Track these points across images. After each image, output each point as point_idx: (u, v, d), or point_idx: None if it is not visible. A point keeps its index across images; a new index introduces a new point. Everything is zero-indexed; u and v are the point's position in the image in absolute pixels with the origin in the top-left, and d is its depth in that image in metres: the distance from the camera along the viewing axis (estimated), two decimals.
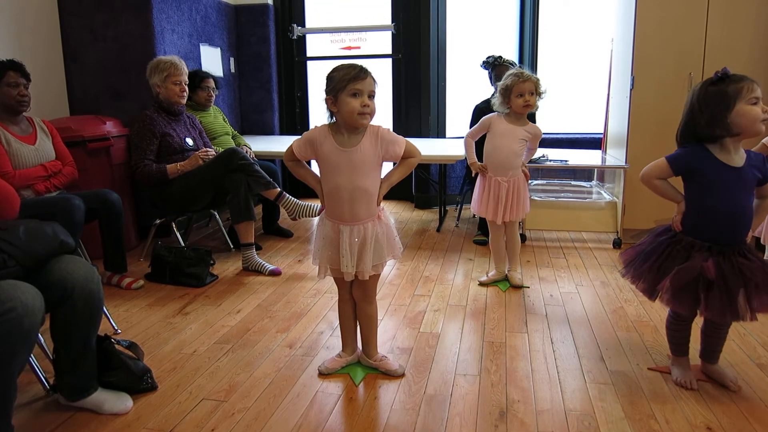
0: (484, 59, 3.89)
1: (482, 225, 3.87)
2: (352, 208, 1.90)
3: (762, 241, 2.56)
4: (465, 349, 2.28)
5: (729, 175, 1.80)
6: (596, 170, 4.53)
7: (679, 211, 1.91)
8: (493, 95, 2.91)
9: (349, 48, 5.19)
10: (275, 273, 3.23)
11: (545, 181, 4.49)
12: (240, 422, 1.80)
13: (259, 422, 1.80)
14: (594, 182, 4.54)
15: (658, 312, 2.62)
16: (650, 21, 3.52)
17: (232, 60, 4.94)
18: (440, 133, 5.02)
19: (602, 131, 4.53)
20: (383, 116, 5.09)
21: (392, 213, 4.84)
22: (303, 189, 2.10)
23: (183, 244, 3.43)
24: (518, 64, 4.18)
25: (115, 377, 1.91)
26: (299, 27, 5.15)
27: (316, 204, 3.31)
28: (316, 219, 1.96)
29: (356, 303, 2.09)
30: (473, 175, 3.02)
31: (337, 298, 2.12)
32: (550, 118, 4.92)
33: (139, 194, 3.74)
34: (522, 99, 2.71)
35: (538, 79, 2.73)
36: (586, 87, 4.88)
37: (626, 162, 3.69)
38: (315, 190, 1.98)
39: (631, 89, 3.62)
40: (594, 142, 4.71)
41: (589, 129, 4.89)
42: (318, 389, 2.00)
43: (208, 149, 3.41)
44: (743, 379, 2.01)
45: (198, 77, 3.78)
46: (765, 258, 2.49)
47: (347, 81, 1.79)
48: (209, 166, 3.27)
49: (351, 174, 1.87)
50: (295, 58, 5.24)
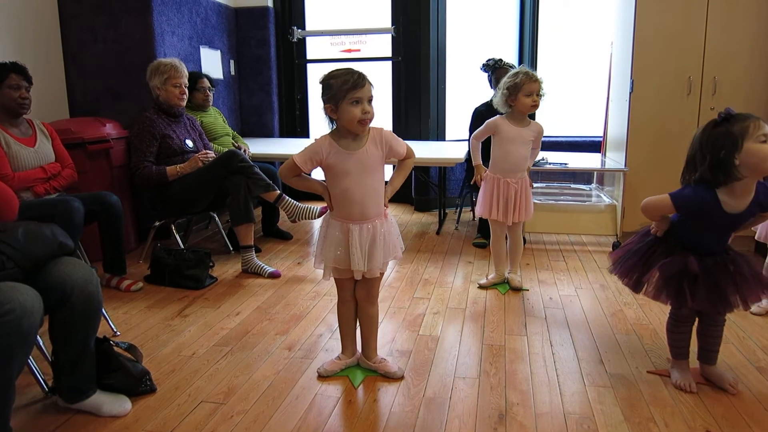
0: (484, 62, 3.90)
1: (482, 228, 3.87)
2: (363, 208, 1.93)
3: (757, 238, 2.56)
4: (464, 352, 2.28)
5: (726, 222, 1.83)
6: (596, 173, 4.54)
7: (659, 228, 1.96)
8: (495, 93, 2.89)
9: (349, 51, 5.20)
10: (274, 275, 3.23)
11: (545, 184, 4.49)
12: (239, 425, 1.80)
13: (258, 425, 1.80)
14: (593, 185, 4.54)
15: (658, 315, 2.62)
16: (650, 25, 3.53)
17: (232, 62, 4.94)
18: (440, 136, 5.02)
19: (602, 134, 4.54)
20: (383, 119, 5.09)
21: (392, 215, 4.83)
22: (303, 192, 2.10)
23: (182, 246, 3.43)
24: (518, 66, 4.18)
25: (114, 379, 1.91)
26: (299, 29, 5.16)
27: (316, 206, 3.31)
28: (316, 221, 1.96)
29: (358, 303, 2.10)
30: (471, 182, 3.01)
31: (337, 301, 2.12)
32: (550, 121, 4.93)
33: (139, 196, 3.74)
34: (530, 99, 2.71)
35: (543, 81, 2.75)
36: (586, 90, 4.88)
37: (626, 165, 3.70)
38: (323, 196, 1.99)
39: (631, 93, 3.62)
40: (593, 145, 4.71)
41: (589, 132, 4.89)
42: (317, 392, 2.00)
43: (208, 151, 3.42)
44: (742, 382, 2.01)
45: (191, 79, 3.72)
46: (766, 263, 2.52)
47: (347, 90, 1.80)
48: (209, 168, 3.27)
49: (361, 175, 1.89)
50: (295, 61, 5.24)
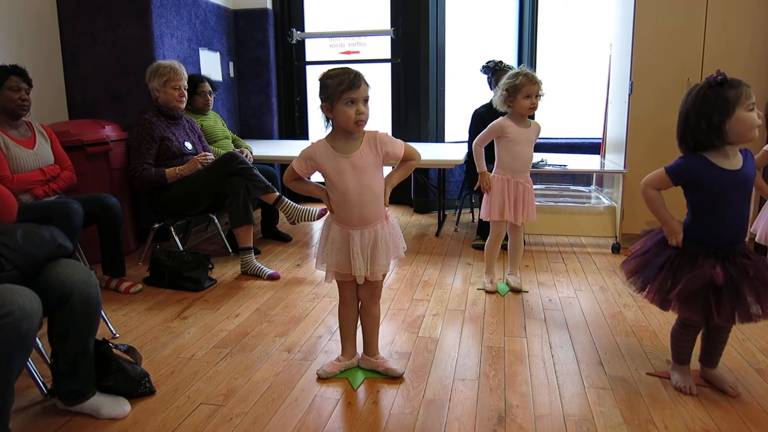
0: (485, 64, 3.90)
1: (481, 229, 3.87)
2: (362, 212, 1.92)
3: (758, 240, 2.56)
4: (464, 354, 2.28)
5: (729, 180, 1.80)
6: (595, 175, 4.54)
7: (668, 233, 1.90)
8: (495, 93, 2.87)
9: (349, 52, 5.20)
10: (274, 277, 3.22)
11: (544, 186, 4.49)
12: (238, 426, 1.80)
13: (258, 427, 1.80)
14: (593, 187, 4.55)
15: (657, 317, 2.62)
16: (649, 27, 3.53)
17: (232, 64, 4.94)
18: (439, 138, 5.03)
19: (601, 136, 4.54)
20: (382, 120, 5.09)
21: (393, 216, 4.83)
22: (302, 194, 2.10)
23: (181, 248, 3.43)
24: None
25: (113, 381, 1.91)
26: (298, 31, 5.16)
27: (315, 208, 3.31)
28: (315, 223, 1.96)
29: (362, 304, 2.10)
30: (475, 188, 2.99)
31: (338, 302, 2.12)
32: (550, 123, 4.94)
33: (138, 198, 3.74)
34: (529, 101, 2.71)
35: (542, 82, 2.75)
36: (585, 92, 4.89)
37: (625, 167, 3.70)
38: (323, 200, 1.99)
39: (630, 94, 3.62)
40: (593, 147, 4.71)
41: (588, 134, 4.90)
42: (316, 394, 1.99)
43: (207, 153, 3.42)
44: (742, 385, 2.01)
45: (193, 82, 3.73)
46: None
47: (342, 90, 1.80)
48: (208, 170, 3.27)
49: (357, 178, 1.89)
50: (295, 63, 5.25)
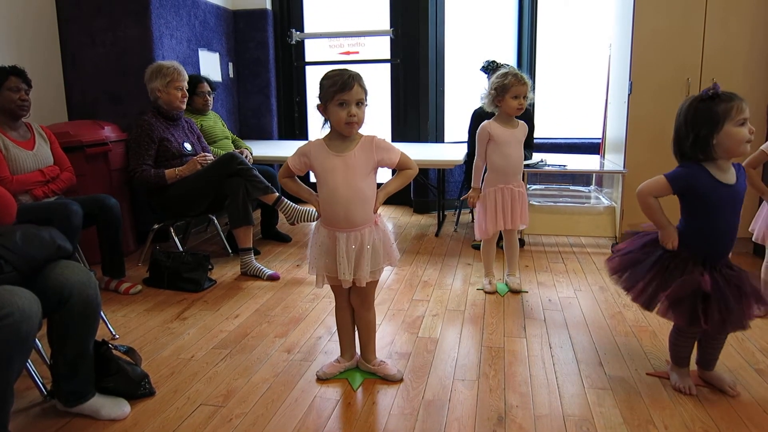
0: (484, 63, 3.89)
1: None
2: (348, 212, 1.90)
3: (755, 239, 2.56)
4: (463, 354, 2.28)
5: (725, 193, 1.82)
6: (594, 175, 4.54)
7: (664, 238, 1.90)
8: (483, 92, 2.85)
9: (348, 53, 5.20)
10: (273, 278, 3.22)
11: (544, 186, 4.49)
12: (238, 427, 1.80)
13: (257, 427, 1.80)
14: (592, 187, 4.55)
15: (657, 317, 2.59)
16: (648, 27, 3.53)
17: (231, 65, 4.94)
18: (438, 138, 5.03)
19: (600, 136, 4.54)
20: (381, 121, 5.09)
21: (391, 218, 4.85)
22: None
23: (181, 249, 3.43)
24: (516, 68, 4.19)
25: (113, 383, 1.91)
26: (298, 32, 5.16)
27: (315, 209, 3.30)
28: (315, 224, 1.96)
29: (354, 310, 2.09)
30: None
31: (335, 306, 2.12)
32: (549, 123, 4.94)
33: (138, 199, 3.74)
34: (517, 101, 2.71)
35: (531, 83, 2.74)
36: (585, 92, 4.89)
37: (624, 167, 3.70)
38: (310, 202, 2.01)
39: (629, 95, 3.63)
40: (592, 147, 4.72)
41: (588, 134, 4.90)
42: (316, 394, 1.99)
43: (207, 154, 3.42)
44: (742, 385, 2.01)
45: (191, 83, 3.70)
46: (766, 261, 2.52)
47: (334, 92, 1.81)
48: (207, 171, 3.27)
49: (346, 176, 1.88)
50: (294, 63, 5.25)
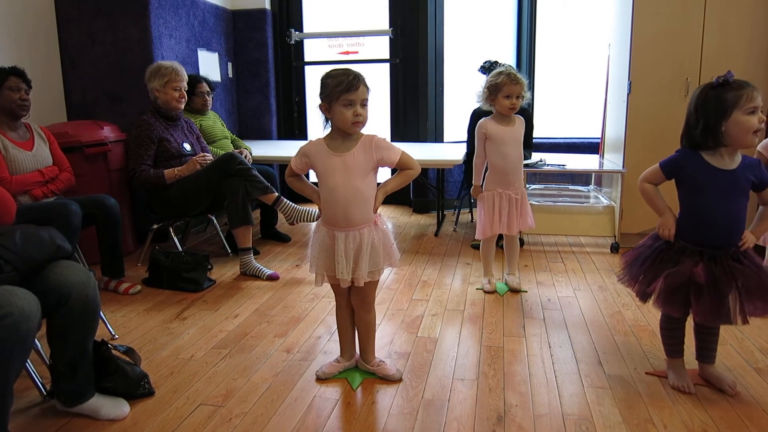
0: (482, 64, 3.90)
1: None
2: (347, 212, 1.90)
3: (761, 242, 2.55)
4: (463, 354, 2.28)
5: (721, 179, 1.81)
6: (594, 174, 4.54)
7: (661, 224, 1.91)
8: (478, 91, 2.86)
9: (347, 53, 5.20)
10: (273, 278, 3.22)
11: (543, 186, 4.50)
12: (237, 427, 1.80)
13: (257, 427, 1.80)
14: (592, 186, 4.55)
15: (656, 316, 2.61)
16: (647, 27, 3.53)
17: (230, 65, 4.94)
18: (438, 138, 5.03)
19: (600, 136, 4.55)
20: (381, 121, 5.10)
21: (390, 217, 4.85)
22: (301, 194, 2.11)
23: (180, 249, 3.43)
24: (515, 68, 4.20)
25: (112, 383, 1.91)
26: (297, 32, 5.16)
27: (315, 209, 3.30)
28: (314, 224, 1.96)
29: (354, 310, 2.09)
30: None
31: (335, 305, 2.12)
32: (548, 123, 4.94)
33: (137, 199, 3.74)
34: (509, 101, 2.71)
35: (526, 82, 2.74)
36: (584, 92, 4.89)
37: (623, 166, 3.70)
38: (312, 200, 2.02)
39: (628, 94, 3.63)
40: (592, 147, 4.72)
41: (587, 133, 4.90)
42: (316, 394, 1.99)
43: (206, 154, 3.42)
44: (741, 384, 2.01)
45: (190, 83, 3.69)
46: (765, 261, 2.50)
47: (340, 92, 1.81)
48: (207, 171, 3.27)
49: (345, 176, 1.89)
50: (293, 63, 5.24)
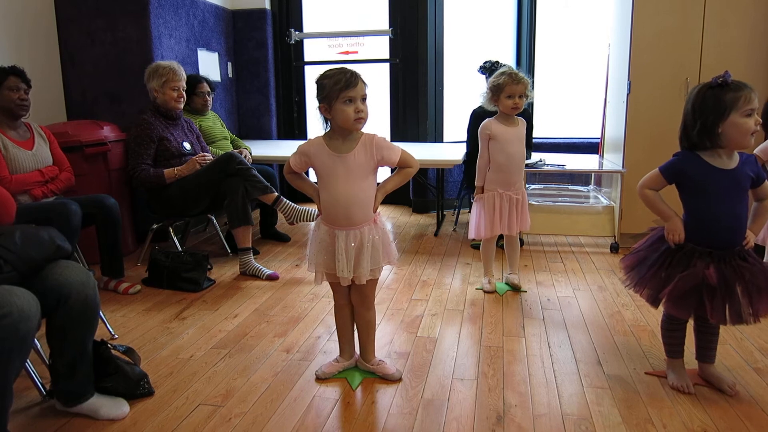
0: (482, 64, 3.89)
1: None
2: (348, 212, 1.90)
3: (757, 241, 2.55)
4: (462, 354, 2.28)
5: (721, 178, 1.81)
6: (593, 175, 4.54)
7: (669, 229, 1.90)
8: (482, 92, 2.86)
9: (347, 53, 5.20)
10: (272, 277, 3.22)
11: (542, 186, 4.50)
12: (237, 427, 1.80)
13: (257, 427, 1.80)
14: (591, 186, 4.55)
15: (656, 316, 2.62)
16: (647, 27, 3.53)
17: (230, 65, 4.94)
18: (437, 138, 5.03)
19: (599, 136, 4.55)
20: (381, 121, 5.10)
21: (390, 217, 4.85)
22: (301, 193, 2.11)
23: (180, 249, 3.43)
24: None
25: (112, 382, 1.91)
26: (297, 32, 5.16)
27: (314, 208, 3.29)
28: (314, 224, 1.96)
29: (354, 308, 2.09)
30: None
31: (334, 305, 2.12)
32: (548, 123, 4.94)
33: (137, 199, 3.74)
34: (511, 101, 2.71)
35: (529, 82, 2.74)
36: (584, 92, 4.89)
37: (623, 166, 3.70)
38: (313, 198, 2.01)
39: (628, 94, 3.63)
40: (591, 147, 4.72)
41: (587, 133, 4.90)
42: (315, 394, 1.99)
43: (206, 154, 3.42)
44: (740, 384, 2.01)
45: (191, 83, 3.71)
46: (765, 261, 2.50)
47: (339, 90, 1.80)
48: (206, 171, 3.27)
49: (346, 178, 1.88)
50: (293, 63, 5.24)
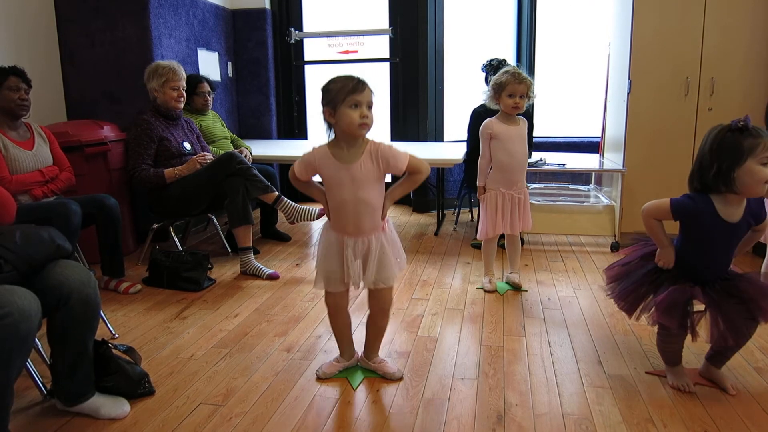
0: (489, 61, 3.84)
1: None
2: (357, 222, 1.90)
3: (763, 240, 2.54)
4: (463, 353, 2.28)
5: (724, 231, 1.83)
6: (594, 174, 4.54)
7: (661, 257, 1.92)
8: (484, 91, 2.87)
9: (347, 52, 5.20)
10: (273, 277, 3.22)
11: (543, 185, 4.49)
12: (237, 426, 1.80)
13: (257, 426, 1.80)
14: (592, 186, 4.55)
15: None
16: (647, 26, 3.53)
17: (230, 64, 4.94)
18: (438, 137, 5.03)
19: (600, 135, 4.55)
20: (381, 120, 5.09)
21: (390, 216, 4.83)
22: (301, 193, 2.10)
23: (180, 249, 3.43)
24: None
25: (113, 382, 1.91)
26: (297, 31, 5.16)
27: (314, 208, 3.31)
28: (315, 223, 1.95)
29: (370, 314, 2.07)
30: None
31: (327, 313, 2.09)
32: (548, 122, 4.94)
33: (137, 199, 3.74)
34: (512, 100, 2.71)
35: (532, 83, 2.73)
36: (584, 91, 4.89)
37: (623, 166, 3.70)
38: (320, 201, 1.99)
39: (629, 93, 3.63)
40: (592, 146, 4.72)
41: (587, 133, 4.90)
42: (316, 393, 1.99)
43: (206, 153, 3.42)
44: (741, 383, 2.01)
45: (191, 83, 3.72)
46: (766, 260, 2.50)
47: (346, 93, 1.77)
48: (207, 170, 3.27)
49: (354, 189, 1.86)
50: (293, 62, 5.24)
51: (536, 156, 4.04)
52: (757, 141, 1.70)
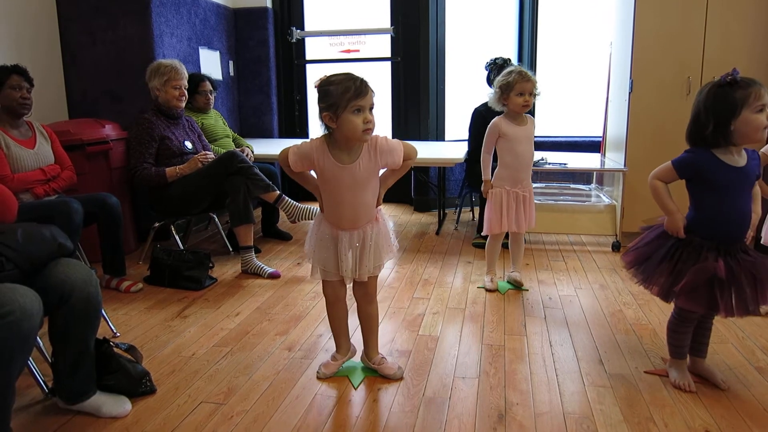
0: (494, 59, 3.82)
1: (481, 228, 3.85)
2: (354, 217, 1.91)
3: (763, 242, 2.54)
4: (464, 352, 2.28)
5: (733, 175, 1.82)
6: (595, 173, 4.54)
7: (669, 225, 1.91)
8: (490, 92, 2.87)
9: (349, 51, 5.20)
10: (274, 276, 3.23)
11: (544, 184, 4.49)
12: (239, 425, 1.80)
13: (258, 425, 1.80)
14: (593, 185, 4.54)
15: (657, 315, 2.62)
16: (649, 25, 3.53)
17: (231, 63, 4.94)
18: (439, 136, 5.03)
19: (601, 134, 4.54)
20: (382, 120, 5.09)
21: (391, 216, 4.84)
22: (303, 192, 2.10)
23: (182, 247, 3.43)
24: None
25: (114, 380, 1.91)
26: (298, 30, 5.16)
27: (316, 207, 3.30)
28: (317, 217, 1.96)
29: (357, 302, 2.09)
30: (484, 195, 2.98)
31: (325, 303, 2.10)
32: (550, 121, 4.94)
33: (138, 197, 3.74)
34: (522, 98, 2.71)
35: (537, 81, 2.74)
36: (586, 90, 4.88)
37: (625, 165, 3.70)
38: (314, 194, 1.99)
39: (630, 93, 3.62)
40: (593, 145, 4.71)
41: (588, 132, 4.89)
42: (317, 392, 2.00)
43: (207, 152, 3.42)
44: (742, 382, 2.01)
45: (193, 82, 3.73)
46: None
47: (349, 98, 1.71)
48: (208, 169, 3.27)
49: (353, 189, 1.86)
50: (294, 61, 5.24)
51: (538, 155, 4.02)
52: (749, 91, 1.74)
